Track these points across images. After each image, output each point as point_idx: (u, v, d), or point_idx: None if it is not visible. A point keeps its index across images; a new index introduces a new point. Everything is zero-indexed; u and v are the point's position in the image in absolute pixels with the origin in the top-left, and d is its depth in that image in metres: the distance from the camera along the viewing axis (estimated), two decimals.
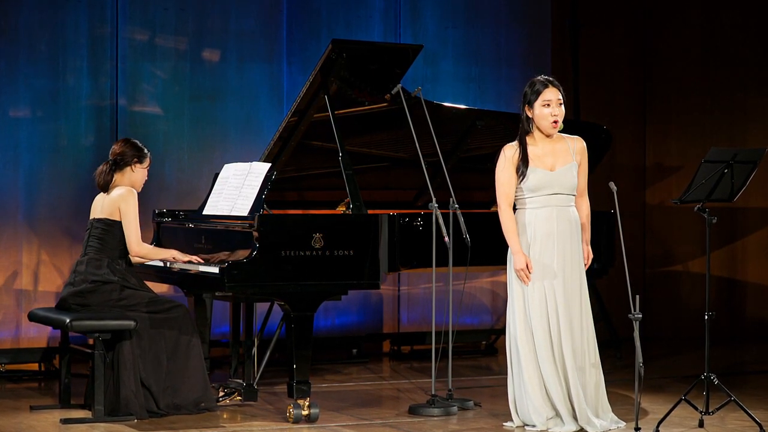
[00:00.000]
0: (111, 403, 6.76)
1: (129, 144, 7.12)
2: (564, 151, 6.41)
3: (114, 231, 6.98)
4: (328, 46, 7.16)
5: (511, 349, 6.45)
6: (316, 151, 7.77)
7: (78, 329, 6.76)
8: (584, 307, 6.41)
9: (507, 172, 6.38)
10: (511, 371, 6.46)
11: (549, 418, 6.35)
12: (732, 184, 6.56)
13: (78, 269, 6.98)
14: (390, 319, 9.87)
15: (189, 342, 6.90)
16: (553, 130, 6.36)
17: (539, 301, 6.34)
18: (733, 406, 6.57)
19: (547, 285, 6.35)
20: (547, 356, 6.32)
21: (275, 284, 6.64)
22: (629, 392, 7.48)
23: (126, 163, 7.06)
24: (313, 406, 6.77)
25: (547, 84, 6.35)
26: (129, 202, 6.94)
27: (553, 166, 6.36)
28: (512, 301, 6.44)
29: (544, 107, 6.33)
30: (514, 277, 6.40)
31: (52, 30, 8.69)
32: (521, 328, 6.36)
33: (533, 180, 6.33)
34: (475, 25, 10.03)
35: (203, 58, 9.17)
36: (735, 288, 10.86)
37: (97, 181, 7.07)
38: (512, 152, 6.38)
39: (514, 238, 6.36)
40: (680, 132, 10.93)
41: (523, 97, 6.39)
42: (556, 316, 6.34)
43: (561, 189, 6.37)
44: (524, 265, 6.31)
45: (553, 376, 6.32)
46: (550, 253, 6.35)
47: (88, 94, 8.81)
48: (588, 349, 6.39)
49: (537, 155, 6.38)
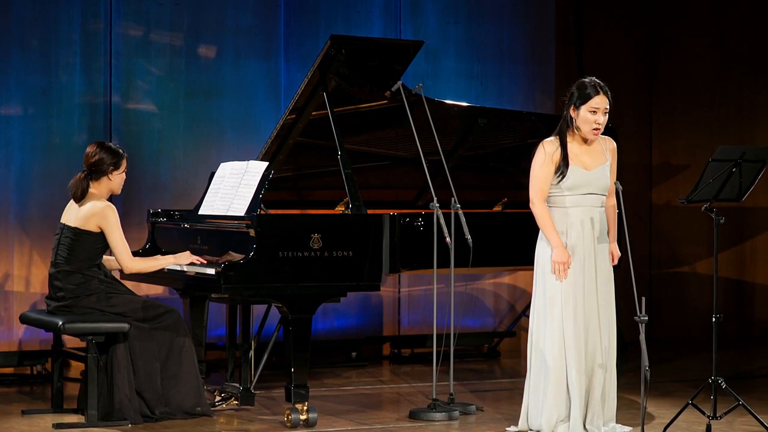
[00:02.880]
0: (105, 407, 6.74)
1: (104, 150, 6.93)
2: (598, 151, 6.39)
3: (84, 242, 6.86)
4: (327, 42, 7.14)
5: (531, 351, 6.40)
6: (314, 149, 7.76)
7: (71, 332, 6.75)
8: (611, 309, 6.39)
9: (546, 168, 6.31)
10: (530, 374, 6.40)
11: (559, 420, 6.29)
12: (740, 184, 6.54)
13: (55, 284, 6.90)
14: (390, 321, 9.86)
15: (182, 348, 6.87)
16: (592, 137, 6.33)
17: (573, 300, 6.29)
18: (741, 411, 6.54)
19: (578, 284, 6.30)
20: (579, 358, 6.27)
21: (273, 286, 6.65)
22: (635, 396, 7.44)
23: (102, 172, 6.91)
24: (312, 411, 6.75)
25: (599, 91, 6.30)
26: (109, 220, 6.83)
27: (589, 166, 6.35)
28: (543, 299, 6.35)
29: (590, 113, 6.29)
30: (548, 274, 6.31)
31: (44, 25, 8.66)
32: (552, 328, 6.30)
33: (572, 179, 6.30)
34: (477, 20, 10.04)
35: (199, 54, 9.14)
36: (743, 290, 10.86)
37: (73, 193, 6.91)
38: (553, 149, 6.33)
39: (553, 232, 6.29)
40: (687, 130, 10.95)
41: (569, 97, 6.34)
42: (585, 317, 6.30)
43: (596, 189, 6.35)
44: (566, 258, 6.25)
45: (580, 380, 6.27)
46: (581, 252, 6.31)
47: (82, 91, 8.78)
48: (609, 349, 6.37)
49: (575, 153, 6.35)
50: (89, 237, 6.84)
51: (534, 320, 6.39)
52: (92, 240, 6.85)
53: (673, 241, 11.02)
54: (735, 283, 10.82)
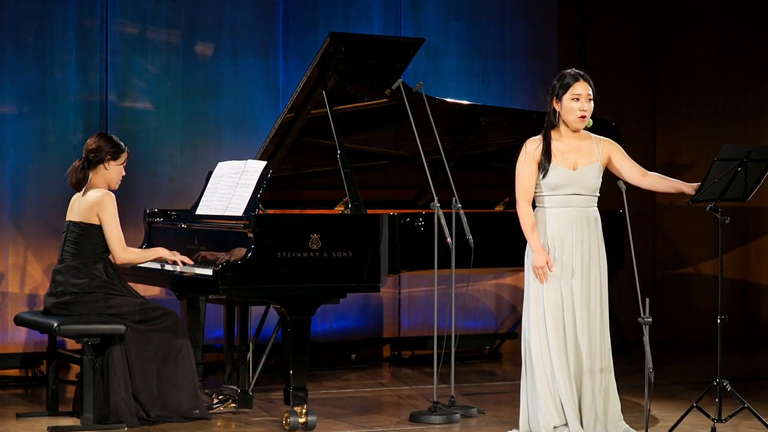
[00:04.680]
0: (100, 410, 6.72)
1: (104, 139, 7.02)
2: (589, 150, 6.37)
3: (90, 235, 6.89)
4: (326, 40, 7.13)
5: (525, 353, 6.40)
6: (313, 148, 7.76)
7: (66, 334, 6.75)
8: (603, 311, 6.35)
9: (528, 167, 6.31)
10: (525, 376, 6.40)
11: (556, 427, 6.26)
12: (745, 183, 6.50)
13: (57, 279, 6.93)
14: (390, 323, 9.87)
15: (179, 351, 6.86)
16: (579, 125, 6.33)
17: (555, 302, 6.27)
18: (746, 414, 6.54)
19: (564, 285, 6.28)
20: (561, 361, 6.24)
21: (271, 287, 6.65)
22: (639, 399, 7.42)
23: (99, 160, 6.97)
24: (311, 414, 6.73)
25: (578, 78, 6.32)
26: (107, 208, 6.86)
27: (575, 165, 6.32)
28: (528, 302, 6.37)
29: (573, 101, 6.29)
30: (532, 277, 6.32)
31: (39, 22, 8.67)
32: (536, 331, 6.30)
33: (553, 178, 6.28)
34: (479, 17, 10.07)
35: (196, 52, 9.15)
36: (748, 291, 10.88)
37: (70, 180, 6.99)
38: (534, 147, 6.33)
39: (533, 234, 6.29)
40: (692, 128, 10.98)
41: (551, 90, 6.36)
42: (573, 319, 6.27)
43: (581, 189, 6.31)
44: (544, 262, 6.24)
45: (565, 383, 6.24)
46: (568, 254, 6.29)
47: (77, 89, 8.79)
48: (602, 352, 6.33)
49: (560, 151, 6.32)
50: (94, 230, 6.86)
51: (524, 322, 6.39)
52: (97, 233, 6.86)
53: (677, 241, 11.03)
54: (740, 284, 10.85)
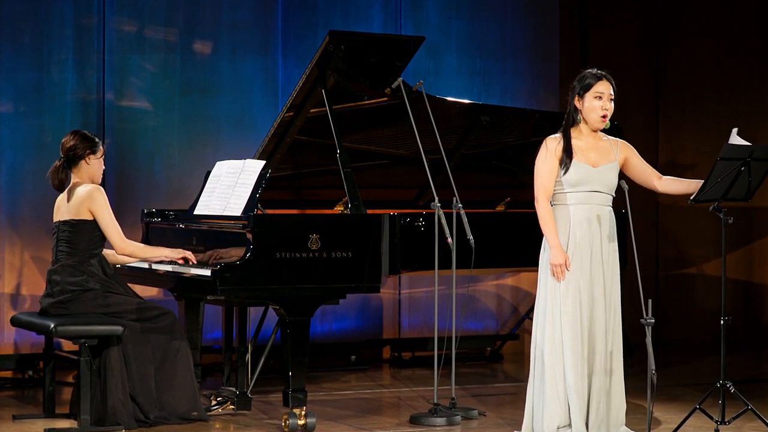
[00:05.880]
0: (98, 412, 6.71)
1: (79, 135, 7.02)
2: (607, 150, 6.39)
3: (82, 231, 6.88)
4: (326, 38, 7.13)
5: (534, 352, 6.38)
6: (312, 148, 7.75)
7: (63, 335, 6.73)
8: (616, 311, 6.36)
9: (548, 164, 6.31)
10: (533, 377, 6.39)
11: (560, 427, 6.26)
12: (749, 183, 6.49)
13: (53, 279, 6.91)
14: (390, 324, 9.87)
15: (177, 351, 6.85)
16: (600, 125, 6.34)
17: (573, 300, 6.26)
18: (750, 416, 6.55)
19: (582, 285, 6.27)
20: (575, 361, 6.23)
21: (270, 288, 6.64)
22: (641, 401, 7.39)
23: (79, 156, 6.97)
24: (310, 416, 6.72)
25: (601, 77, 6.34)
26: (98, 201, 6.86)
27: (595, 163, 6.33)
28: (543, 300, 6.34)
29: (596, 99, 6.31)
30: (549, 275, 6.30)
31: (36, 20, 8.67)
32: (550, 329, 6.28)
33: (574, 174, 6.28)
34: (480, 15, 10.09)
35: (194, 50, 9.16)
36: (752, 291, 10.91)
37: (52, 182, 7.02)
38: (555, 144, 6.34)
39: (552, 232, 6.28)
40: (694, 127, 11.01)
41: (571, 90, 6.37)
42: (590, 317, 6.26)
43: (601, 187, 6.32)
44: (563, 260, 6.23)
45: (576, 383, 6.22)
46: (587, 252, 6.29)
47: (74, 88, 8.79)
48: (614, 353, 6.33)
49: (581, 149, 6.34)
50: (86, 225, 6.85)
51: (535, 322, 6.38)
52: (89, 228, 6.85)
53: (680, 241, 11.06)
54: (743, 285, 10.87)
